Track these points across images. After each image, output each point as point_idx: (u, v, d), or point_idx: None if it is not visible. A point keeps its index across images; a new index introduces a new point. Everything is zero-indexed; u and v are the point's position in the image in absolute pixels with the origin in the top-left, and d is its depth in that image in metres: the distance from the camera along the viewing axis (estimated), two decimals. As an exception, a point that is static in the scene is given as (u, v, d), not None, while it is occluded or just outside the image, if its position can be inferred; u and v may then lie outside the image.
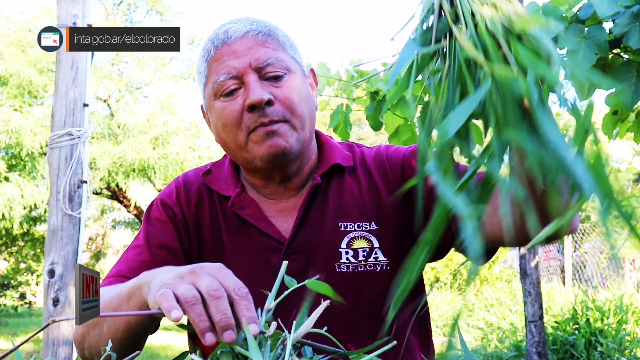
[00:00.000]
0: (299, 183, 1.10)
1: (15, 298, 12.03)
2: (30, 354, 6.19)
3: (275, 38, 1.06)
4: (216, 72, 1.04)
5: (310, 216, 1.08)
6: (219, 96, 1.04)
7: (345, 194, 1.09)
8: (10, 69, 8.24)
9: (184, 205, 1.11)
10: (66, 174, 2.81)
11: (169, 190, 1.15)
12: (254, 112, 1.00)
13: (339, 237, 1.06)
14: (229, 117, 1.02)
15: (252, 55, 1.02)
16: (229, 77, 1.02)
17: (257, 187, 1.12)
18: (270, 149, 1.01)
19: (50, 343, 2.76)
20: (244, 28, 1.04)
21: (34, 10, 9.63)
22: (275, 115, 1.00)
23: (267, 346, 0.71)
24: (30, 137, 7.94)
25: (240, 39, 1.03)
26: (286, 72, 1.03)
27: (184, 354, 0.81)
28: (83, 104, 2.89)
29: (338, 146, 1.16)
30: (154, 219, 1.12)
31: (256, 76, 1.02)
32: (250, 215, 1.08)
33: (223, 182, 1.13)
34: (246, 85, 1.01)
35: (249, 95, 1.00)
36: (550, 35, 0.72)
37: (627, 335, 4.97)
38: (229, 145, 1.06)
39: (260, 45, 1.03)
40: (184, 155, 8.62)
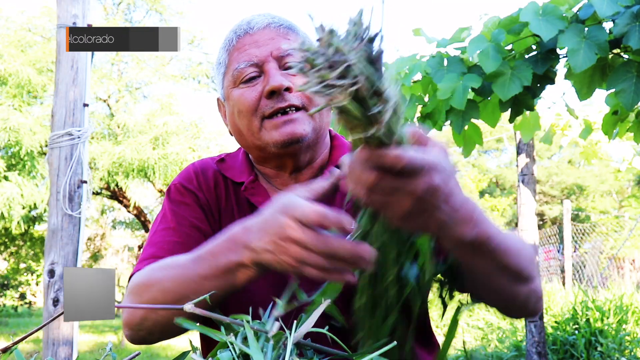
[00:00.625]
0: (309, 176, 1.11)
1: (15, 298, 12.03)
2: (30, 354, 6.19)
3: (296, 32, 1.09)
4: (237, 60, 1.06)
5: None
6: (238, 83, 1.05)
7: None
8: (9, 68, 8.24)
9: (204, 189, 1.12)
10: (66, 174, 2.81)
11: (187, 175, 1.14)
12: (272, 98, 1.02)
13: None
14: (246, 103, 1.04)
15: (274, 45, 1.04)
16: (250, 64, 1.04)
17: (268, 177, 1.12)
18: (286, 136, 1.02)
19: (50, 343, 2.76)
20: (266, 20, 1.07)
21: (34, 10, 9.61)
22: (294, 100, 1.02)
23: (269, 346, 0.71)
24: (29, 136, 7.94)
25: (263, 29, 1.06)
26: None
27: (184, 354, 0.81)
28: (83, 104, 2.89)
29: (349, 145, 1.16)
30: (179, 202, 1.10)
31: (276, 65, 1.04)
32: (262, 203, 1.06)
33: (237, 170, 1.14)
34: (266, 73, 1.03)
35: (269, 82, 1.02)
36: None
37: (627, 335, 4.96)
38: (243, 133, 1.07)
39: (281, 37, 1.06)
40: (183, 156, 8.62)
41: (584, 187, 20.22)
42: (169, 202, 1.12)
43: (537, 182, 5.23)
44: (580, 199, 20.41)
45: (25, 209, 8.37)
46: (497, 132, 12.62)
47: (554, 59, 2.06)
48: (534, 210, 4.37)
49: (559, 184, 20.56)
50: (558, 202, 19.79)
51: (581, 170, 20.05)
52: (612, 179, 18.98)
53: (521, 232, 4.37)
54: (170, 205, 1.11)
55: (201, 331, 0.77)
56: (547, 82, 2.13)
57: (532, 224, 4.36)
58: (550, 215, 20.01)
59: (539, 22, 1.91)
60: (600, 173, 19.14)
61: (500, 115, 2.29)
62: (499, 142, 20.02)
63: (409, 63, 2.29)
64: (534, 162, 4.40)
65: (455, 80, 2.08)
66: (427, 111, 2.37)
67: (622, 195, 20.13)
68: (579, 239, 9.73)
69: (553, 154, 21.21)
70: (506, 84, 2.02)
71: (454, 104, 2.07)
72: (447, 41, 2.24)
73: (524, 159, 4.39)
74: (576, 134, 3.89)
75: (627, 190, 20.30)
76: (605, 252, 9.87)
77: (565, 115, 3.85)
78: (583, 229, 9.83)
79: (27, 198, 8.17)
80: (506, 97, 2.02)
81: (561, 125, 3.91)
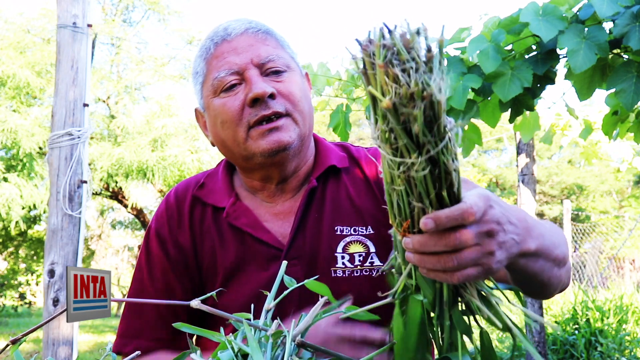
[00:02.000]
0: (295, 184, 1.09)
1: (15, 298, 12.03)
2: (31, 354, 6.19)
3: (274, 37, 1.06)
4: (216, 69, 1.03)
5: (307, 220, 1.06)
6: (219, 92, 1.03)
7: (342, 197, 1.09)
8: (7, 70, 8.24)
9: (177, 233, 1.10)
10: (66, 174, 2.81)
11: (161, 217, 1.14)
12: (255, 106, 1.00)
13: (335, 241, 1.05)
14: (229, 113, 1.01)
15: (253, 52, 1.02)
16: (230, 72, 1.01)
17: (254, 189, 1.11)
18: (273, 144, 1.00)
19: (50, 343, 2.76)
20: (244, 26, 1.04)
21: (32, 11, 9.63)
22: (278, 107, 1.00)
23: (268, 345, 0.71)
24: (27, 137, 7.94)
25: (240, 35, 1.03)
26: (287, 69, 1.04)
27: (183, 354, 0.81)
28: (83, 104, 2.89)
29: (333, 147, 1.16)
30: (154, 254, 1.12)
31: (257, 71, 1.01)
32: (246, 224, 1.07)
33: (217, 193, 1.11)
34: (247, 80, 1.01)
35: (251, 89, 0.99)
36: None
37: (627, 335, 4.96)
38: (226, 144, 1.05)
39: (260, 43, 1.03)
40: (182, 158, 8.62)
41: (584, 187, 20.21)
42: (145, 252, 1.13)
43: (537, 182, 5.23)
44: (580, 199, 20.40)
45: (24, 210, 8.38)
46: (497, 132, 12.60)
47: (554, 59, 2.06)
48: (534, 210, 4.37)
49: (559, 184, 20.55)
50: (558, 202, 19.78)
51: (581, 170, 20.04)
52: (612, 179, 18.97)
53: (521, 232, 4.37)
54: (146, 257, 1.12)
55: (200, 334, 0.77)
56: (547, 82, 2.13)
57: (532, 224, 4.35)
58: (550, 215, 20.00)
59: (539, 22, 1.91)
60: (600, 173, 19.14)
61: (500, 116, 2.29)
62: (499, 142, 20.02)
63: (409, 63, 2.29)
64: (534, 162, 4.40)
65: (455, 81, 2.08)
66: (427, 111, 2.37)
67: (622, 195, 20.13)
68: (579, 239, 9.73)
69: (553, 154, 21.21)
70: (506, 84, 2.02)
71: (453, 104, 2.07)
72: (447, 41, 2.24)
73: (524, 159, 4.39)
74: (576, 134, 3.89)
75: (627, 190, 20.29)
76: (605, 252, 9.87)
77: (565, 115, 3.85)
78: (583, 229, 9.83)
79: (26, 199, 8.18)
80: (506, 98, 2.02)
81: (561, 125, 3.91)
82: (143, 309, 1.09)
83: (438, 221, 0.61)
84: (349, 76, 2.64)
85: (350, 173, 1.11)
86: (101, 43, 10.35)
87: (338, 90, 2.68)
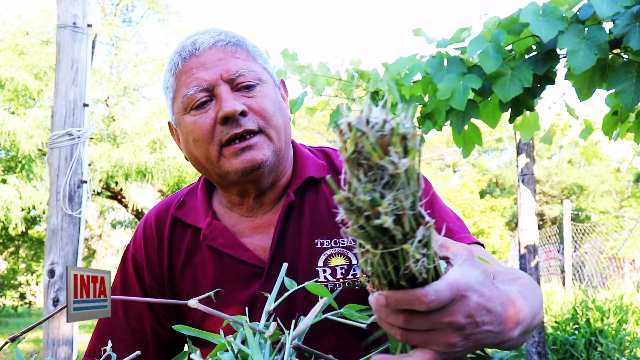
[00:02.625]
0: (274, 197, 1.07)
1: (15, 298, 12.03)
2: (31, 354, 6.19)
3: (245, 48, 1.02)
4: (185, 85, 0.99)
5: (287, 235, 1.04)
6: (189, 110, 1.00)
7: (321, 208, 1.06)
8: (5, 73, 8.25)
9: (155, 260, 1.10)
10: (66, 174, 2.81)
11: (139, 241, 1.13)
12: (227, 124, 0.97)
13: (316, 255, 1.03)
14: (200, 131, 0.98)
15: (223, 67, 0.98)
16: (200, 89, 0.98)
17: (232, 204, 1.09)
18: (246, 163, 0.97)
19: (50, 343, 2.76)
20: (212, 39, 1.00)
21: (31, 13, 9.62)
22: (250, 124, 0.97)
23: (267, 347, 0.71)
24: (26, 139, 7.95)
25: (209, 49, 0.99)
26: (258, 82, 1.00)
27: (183, 354, 0.81)
28: (83, 104, 2.89)
29: (312, 156, 1.12)
30: (129, 278, 1.12)
31: (228, 87, 0.98)
32: (224, 245, 1.05)
33: (196, 212, 1.10)
34: (218, 97, 0.98)
35: (221, 107, 0.96)
36: None
37: (627, 335, 4.96)
38: (200, 162, 1.03)
39: (230, 56, 1.00)
40: (181, 160, 8.63)
41: (584, 187, 20.22)
42: (121, 274, 1.14)
43: (537, 182, 5.23)
44: (580, 199, 20.41)
45: (23, 211, 8.39)
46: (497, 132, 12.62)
47: (554, 60, 2.06)
48: (534, 210, 4.37)
49: (559, 184, 20.56)
50: (558, 202, 19.79)
51: (581, 170, 20.05)
52: (612, 179, 18.98)
53: (521, 232, 4.38)
54: (121, 279, 1.13)
55: (199, 336, 0.77)
56: (547, 82, 2.13)
57: (532, 224, 4.36)
58: (550, 215, 20.00)
59: (539, 22, 1.91)
60: (600, 173, 19.15)
61: (500, 116, 2.29)
62: (499, 142, 20.03)
63: (409, 63, 2.29)
64: (534, 162, 4.40)
65: (456, 81, 2.08)
66: (427, 111, 2.37)
67: (622, 195, 20.13)
68: (579, 239, 9.73)
69: (553, 154, 21.22)
70: (506, 84, 2.02)
71: (454, 105, 2.07)
72: (447, 41, 2.24)
73: (524, 159, 4.39)
74: (576, 134, 3.89)
75: (627, 190, 20.29)
76: (605, 252, 9.88)
77: (565, 115, 3.85)
78: (583, 229, 9.83)
79: (26, 200, 8.18)
80: (507, 99, 2.02)
81: (561, 125, 3.91)
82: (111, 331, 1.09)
83: (388, 301, 0.57)
84: (349, 76, 2.64)
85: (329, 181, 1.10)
86: (101, 43, 10.36)
87: (338, 90, 2.68)
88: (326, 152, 1.16)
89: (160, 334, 1.09)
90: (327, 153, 1.15)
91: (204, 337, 0.77)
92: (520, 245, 4.39)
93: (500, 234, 13.28)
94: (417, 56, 2.31)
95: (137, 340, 1.08)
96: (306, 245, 1.03)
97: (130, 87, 10.15)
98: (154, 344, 1.09)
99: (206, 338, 0.76)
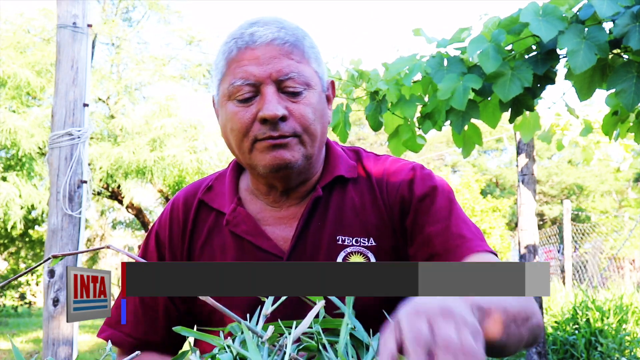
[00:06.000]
0: (301, 193, 1.09)
1: (15, 298, 12.04)
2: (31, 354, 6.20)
3: (301, 49, 1.02)
4: (234, 75, 1.00)
5: (309, 228, 1.06)
6: (233, 98, 1.01)
7: (346, 207, 1.08)
8: (7, 70, 8.25)
9: (177, 241, 1.13)
10: (66, 174, 2.81)
11: (164, 220, 1.16)
12: (265, 125, 0.98)
13: (336, 251, 1.04)
14: (239, 124, 1.00)
15: (275, 66, 0.98)
16: (247, 83, 0.99)
17: (259, 192, 1.11)
18: (275, 160, 0.99)
19: (50, 343, 2.76)
20: (271, 35, 1.00)
21: (32, 12, 9.60)
22: (286, 130, 0.99)
23: (265, 349, 0.71)
24: (27, 138, 7.95)
25: (266, 45, 0.99)
26: (305, 88, 1.01)
27: (183, 354, 0.81)
28: (83, 104, 2.89)
29: (344, 155, 1.14)
30: (150, 254, 1.15)
31: (274, 88, 0.99)
32: (246, 232, 1.07)
33: (223, 197, 1.12)
34: (262, 96, 0.98)
35: (263, 108, 0.97)
36: None
37: (627, 335, 4.96)
38: (233, 148, 1.06)
39: (284, 56, 0.99)
40: (181, 158, 8.63)
41: (584, 187, 20.22)
42: (143, 250, 1.17)
43: (537, 182, 5.24)
44: (580, 199, 20.41)
45: (23, 210, 8.38)
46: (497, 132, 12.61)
47: (554, 60, 2.06)
48: (534, 210, 4.37)
49: (559, 184, 20.56)
50: (558, 202, 19.79)
51: (581, 170, 20.05)
52: (612, 179, 18.98)
53: (521, 232, 4.38)
54: (143, 255, 1.16)
55: (199, 337, 0.77)
56: (547, 82, 2.13)
57: (532, 224, 4.37)
58: (550, 215, 20.00)
59: (539, 22, 1.91)
60: (600, 173, 19.15)
61: (501, 116, 2.28)
62: (499, 142, 20.02)
63: (409, 63, 2.29)
64: (534, 162, 4.41)
65: (456, 81, 2.08)
66: (427, 111, 2.37)
67: (622, 195, 20.13)
68: (579, 239, 9.73)
69: (553, 154, 21.22)
70: (506, 84, 2.02)
71: (454, 105, 2.07)
72: (447, 41, 2.24)
73: (524, 159, 4.39)
74: (576, 134, 3.89)
75: (627, 190, 20.29)
76: (605, 252, 9.88)
77: (565, 115, 3.85)
78: (583, 229, 9.83)
79: (26, 199, 8.18)
80: (507, 98, 2.02)
81: (561, 125, 3.91)
82: (127, 303, 1.12)
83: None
84: (349, 76, 2.64)
85: (358, 183, 1.10)
86: (101, 43, 10.36)
87: (338, 90, 2.68)
88: (358, 152, 1.17)
89: (172, 313, 1.12)
90: (359, 153, 1.16)
91: (203, 338, 0.77)
92: (520, 245, 4.39)
93: (500, 234, 13.28)
94: (417, 56, 2.31)
95: (147, 315, 1.11)
96: (327, 240, 1.05)
97: (131, 86, 10.15)
98: (164, 321, 1.11)
99: (206, 340, 0.76)
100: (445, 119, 2.30)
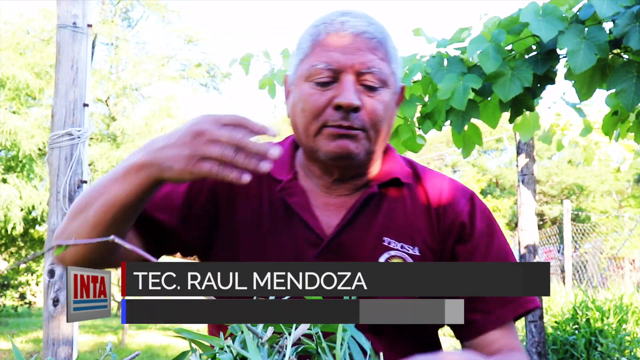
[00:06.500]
0: (354, 186, 1.09)
1: (15, 298, 12.03)
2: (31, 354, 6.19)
3: (385, 48, 1.04)
4: (317, 57, 1.01)
5: (357, 221, 1.06)
6: (311, 80, 1.01)
7: (398, 210, 1.08)
8: (7, 71, 8.25)
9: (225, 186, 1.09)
10: (66, 174, 2.81)
11: None
12: (338, 111, 0.99)
13: (380, 250, 1.04)
14: (312, 106, 1.00)
15: (359, 58, 1.00)
16: (328, 67, 1.00)
17: (313, 174, 1.10)
18: (338, 149, 1.00)
19: (50, 343, 2.76)
20: (362, 27, 1.01)
21: (32, 12, 9.60)
22: (357, 123, 0.99)
23: (264, 350, 0.71)
24: (27, 139, 7.95)
25: (355, 36, 1.00)
26: (382, 85, 1.02)
27: (183, 354, 0.81)
28: (83, 104, 2.89)
29: (400, 160, 1.15)
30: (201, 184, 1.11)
31: (354, 78, 1.00)
32: (297, 204, 1.07)
33: (278, 164, 1.10)
34: (341, 84, 0.99)
35: (340, 95, 0.98)
36: None
37: (627, 335, 4.96)
38: (297, 129, 1.05)
39: (369, 50, 1.01)
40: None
41: (584, 187, 20.22)
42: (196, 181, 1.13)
43: (537, 182, 5.24)
44: (580, 199, 20.41)
45: (23, 211, 8.38)
46: (497, 132, 12.61)
47: (554, 59, 2.06)
48: (534, 210, 4.37)
49: (559, 184, 20.56)
50: (558, 202, 19.78)
51: (581, 170, 20.05)
52: (612, 179, 18.97)
53: (521, 232, 4.38)
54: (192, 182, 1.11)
55: (199, 338, 0.77)
56: (547, 82, 2.13)
57: (532, 224, 4.36)
58: (550, 215, 20.00)
59: (539, 22, 1.91)
60: (600, 173, 19.15)
61: (501, 116, 2.28)
62: (499, 142, 20.02)
63: (409, 63, 2.29)
64: (534, 162, 4.41)
65: (456, 81, 2.08)
66: (427, 111, 2.37)
67: (622, 195, 20.13)
68: (579, 239, 9.73)
69: (553, 154, 21.22)
70: (506, 84, 2.02)
71: (454, 105, 2.07)
72: (447, 41, 2.24)
73: (524, 159, 4.39)
74: (576, 134, 3.89)
75: (627, 190, 20.30)
76: (605, 252, 9.88)
77: (565, 115, 3.85)
78: (583, 229, 9.83)
79: (26, 200, 8.18)
80: (507, 98, 2.01)
81: (561, 125, 3.91)
82: None
83: None
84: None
85: (411, 190, 1.11)
86: (100, 43, 10.36)
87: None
88: (412, 163, 1.18)
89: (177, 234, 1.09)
90: (414, 164, 1.17)
91: (203, 340, 0.76)
92: (520, 245, 4.39)
93: (500, 234, 13.27)
94: (417, 56, 2.31)
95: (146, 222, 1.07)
96: (373, 238, 1.05)
97: (130, 87, 10.15)
98: (177, 219, 1.08)
99: (206, 341, 0.76)
100: (445, 119, 2.30)
